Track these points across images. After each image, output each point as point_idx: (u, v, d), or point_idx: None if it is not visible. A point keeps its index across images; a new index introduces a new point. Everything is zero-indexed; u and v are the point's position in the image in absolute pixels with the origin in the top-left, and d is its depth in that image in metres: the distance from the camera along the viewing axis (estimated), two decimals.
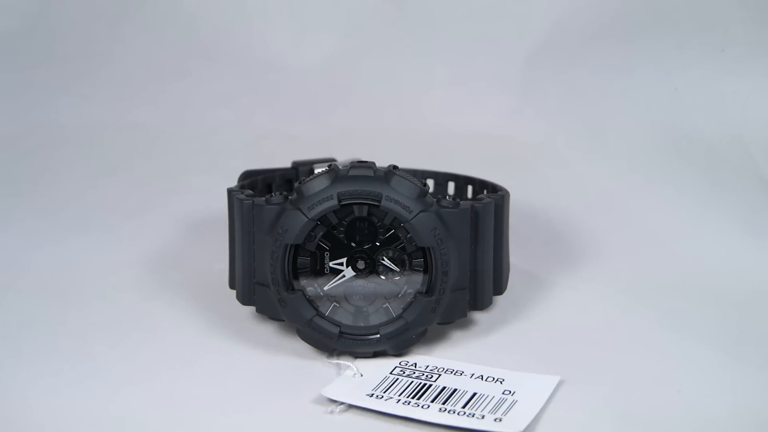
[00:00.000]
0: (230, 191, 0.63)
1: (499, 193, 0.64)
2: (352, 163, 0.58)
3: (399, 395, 0.54)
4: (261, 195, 0.64)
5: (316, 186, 0.57)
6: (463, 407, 0.52)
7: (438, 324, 0.58)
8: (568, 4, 1.00)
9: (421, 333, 0.58)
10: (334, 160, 0.77)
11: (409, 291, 0.58)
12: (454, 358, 0.58)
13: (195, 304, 0.66)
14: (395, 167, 0.58)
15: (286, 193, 0.58)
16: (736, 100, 0.88)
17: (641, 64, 0.95)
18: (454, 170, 0.76)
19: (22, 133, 1.02)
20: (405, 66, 1.06)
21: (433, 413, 0.52)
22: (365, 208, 0.57)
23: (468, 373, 0.56)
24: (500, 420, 0.51)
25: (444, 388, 0.54)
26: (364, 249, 0.58)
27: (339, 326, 0.57)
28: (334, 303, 0.58)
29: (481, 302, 0.61)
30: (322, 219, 0.57)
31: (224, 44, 1.09)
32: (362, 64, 1.07)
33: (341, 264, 0.58)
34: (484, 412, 0.52)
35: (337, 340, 0.57)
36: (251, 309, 0.61)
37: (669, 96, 0.92)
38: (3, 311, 0.65)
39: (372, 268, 0.58)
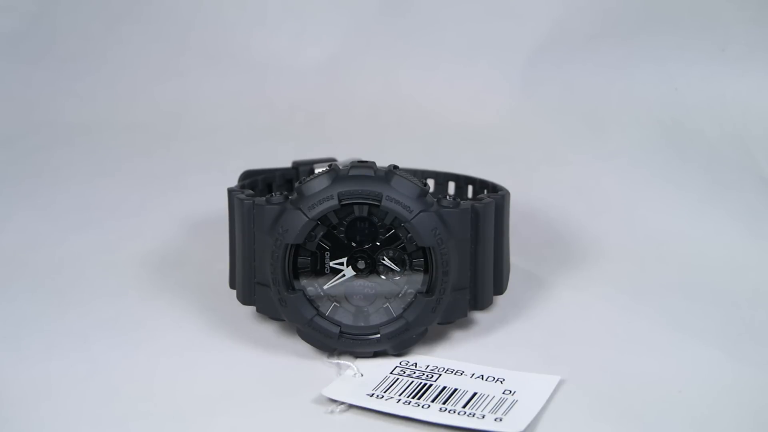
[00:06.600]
0: (230, 191, 0.63)
1: (499, 192, 0.64)
2: (352, 163, 0.58)
3: (399, 395, 0.54)
4: (261, 195, 0.64)
5: (316, 186, 0.57)
6: (464, 407, 0.52)
7: (438, 324, 0.58)
8: (569, 4, 1.00)
9: (422, 333, 0.58)
10: (334, 160, 0.77)
11: (409, 291, 0.58)
12: (454, 358, 0.58)
13: (195, 304, 0.65)
14: (395, 167, 0.58)
15: (286, 192, 0.58)
16: (736, 100, 0.88)
17: (642, 63, 0.95)
18: (455, 170, 0.76)
19: (22, 133, 1.02)
20: (405, 65, 1.06)
21: (433, 413, 0.52)
22: (365, 208, 0.57)
23: (468, 373, 0.56)
24: (500, 420, 0.51)
25: (444, 387, 0.54)
26: (365, 249, 0.57)
27: (339, 326, 0.57)
28: (335, 303, 0.58)
29: (481, 302, 0.60)
30: (323, 219, 0.57)
31: (224, 44, 1.09)
32: (362, 63, 1.07)
33: (341, 264, 0.58)
34: (485, 412, 0.52)
35: (337, 340, 0.57)
36: (251, 309, 0.61)
37: (669, 95, 0.92)
38: (2, 310, 0.65)
39: (372, 268, 0.58)
